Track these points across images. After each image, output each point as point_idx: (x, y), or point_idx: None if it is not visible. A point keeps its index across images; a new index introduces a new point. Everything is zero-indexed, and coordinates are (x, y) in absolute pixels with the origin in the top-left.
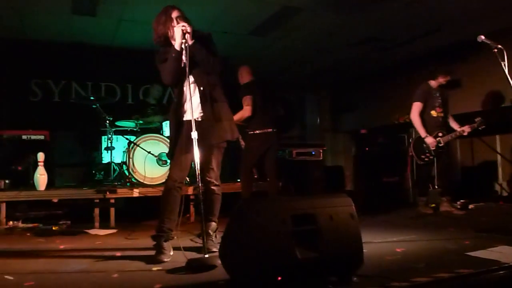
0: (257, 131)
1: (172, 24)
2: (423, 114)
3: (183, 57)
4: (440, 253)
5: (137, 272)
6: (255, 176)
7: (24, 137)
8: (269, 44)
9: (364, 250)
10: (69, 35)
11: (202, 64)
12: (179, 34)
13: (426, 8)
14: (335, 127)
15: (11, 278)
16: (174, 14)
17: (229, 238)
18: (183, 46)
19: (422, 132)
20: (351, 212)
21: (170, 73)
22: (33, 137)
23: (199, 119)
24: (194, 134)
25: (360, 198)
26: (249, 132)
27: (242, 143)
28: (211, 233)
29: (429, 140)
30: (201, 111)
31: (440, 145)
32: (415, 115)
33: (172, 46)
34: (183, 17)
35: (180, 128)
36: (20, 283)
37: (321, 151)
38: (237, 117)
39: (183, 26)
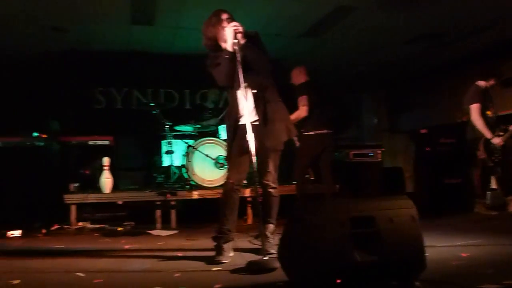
0: (312, 132)
1: (222, 25)
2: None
3: (238, 59)
4: (509, 258)
5: (197, 272)
6: (311, 178)
7: (90, 142)
8: (322, 45)
9: (426, 254)
10: (130, 45)
11: (254, 64)
12: (231, 34)
13: (484, 1)
14: (393, 127)
15: (82, 275)
16: (224, 16)
17: (287, 240)
18: (235, 46)
19: (488, 134)
20: (412, 215)
21: (224, 75)
22: (98, 142)
23: (255, 122)
24: (250, 137)
25: (421, 201)
26: (304, 133)
27: (297, 143)
28: (269, 235)
29: (497, 140)
30: (255, 114)
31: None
32: (477, 117)
33: (222, 49)
34: (232, 19)
35: (236, 132)
36: (90, 280)
37: (379, 152)
38: (293, 117)
39: (234, 25)
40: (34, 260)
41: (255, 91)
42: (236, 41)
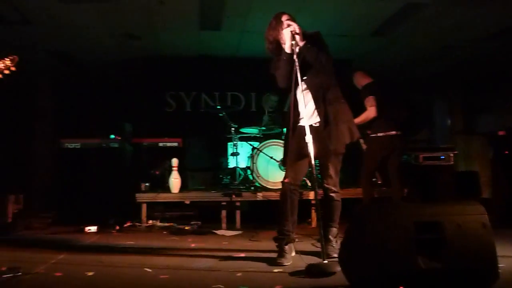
0: (380, 134)
1: (282, 27)
2: None
3: (296, 60)
4: None
5: (259, 272)
6: (379, 182)
7: (160, 144)
8: (391, 44)
9: (501, 265)
10: (198, 50)
11: (315, 64)
12: (288, 36)
13: None
14: (469, 129)
15: (150, 270)
16: (284, 18)
17: (349, 244)
18: (293, 48)
19: None
20: (483, 221)
21: (283, 77)
22: (168, 144)
23: (316, 124)
24: (308, 139)
25: (499, 207)
26: (371, 135)
27: (364, 146)
28: (332, 238)
29: None
30: (316, 115)
31: None
32: None
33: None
34: (292, 20)
35: (295, 134)
36: (156, 276)
37: (451, 155)
38: (361, 118)
39: (291, 27)
40: (107, 255)
41: (315, 91)
42: (293, 42)
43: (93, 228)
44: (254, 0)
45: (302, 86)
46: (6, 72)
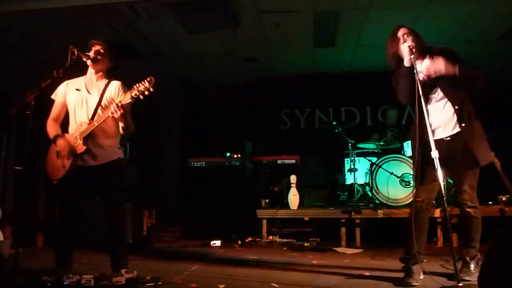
0: None
1: (400, 42)
2: None
3: (416, 74)
4: None
5: None
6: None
7: (279, 161)
8: None
9: None
10: (311, 67)
11: (449, 78)
12: (406, 51)
13: None
14: None
15: (276, 286)
16: (401, 32)
17: (491, 268)
18: (413, 62)
19: None
20: None
21: (403, 92)
22: (286, 161)
23: (448, 138)
24: (435, 154)
25: None
26: None
27: (498, 164)
28: (468, 259)
29: None
30: (455, 127)
31: None
32: None
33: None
34: (410, 33)
35: (424, 149)
36: None
37: None
38: None
39: (408, 42)
40: (234, 268)
41: (453, 104)
42: (412, 56)
43: (218, 242)
44: (369, 14)
45: (435, 98)
46: (146, 93)
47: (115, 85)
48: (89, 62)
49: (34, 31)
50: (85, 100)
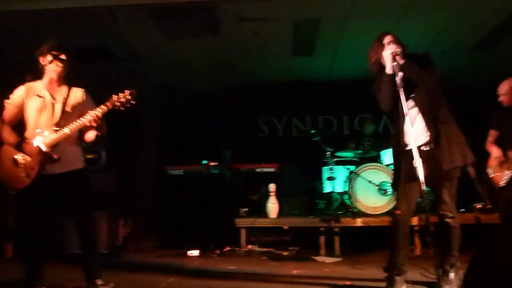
0: None
1: (383, 49)
2: None
3: (398, 81)
4: None
5: None
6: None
7: (257, 170)
8: (495, 57)
9: None
10: (289, 75)
11: (418, 83)
12: (389, 57)
13: None
14: None
15: None
16: (386, 39)
17: (473, 278)
18: (395, 69)
19: None
20: None
21: (385, 98)
22: (265, 169)
23: (425, 147)
24: (417, 163)
25: None
26: None
27: (472, 171)
28: (448, 268)
29: None
30: (427, 135)
31: None
32: None
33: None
34: (395, 42)
35: (402, 158)
36: None
37: None
38: None
39: (391, 50)
40: (213, 280)
41: (425, 111)
42: (394, 64)
43: (195, 252)
44: (348, 23)
45: (407, 106)
46: (127, 105)
47: (81, 93)
48: (52, 67)
49: (6, 32)
50: (50, 106)
